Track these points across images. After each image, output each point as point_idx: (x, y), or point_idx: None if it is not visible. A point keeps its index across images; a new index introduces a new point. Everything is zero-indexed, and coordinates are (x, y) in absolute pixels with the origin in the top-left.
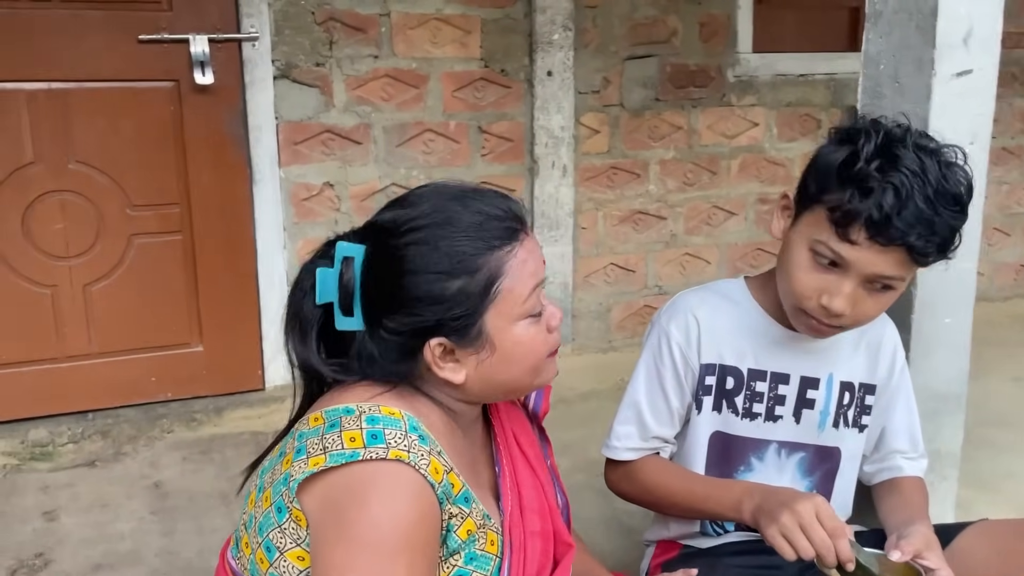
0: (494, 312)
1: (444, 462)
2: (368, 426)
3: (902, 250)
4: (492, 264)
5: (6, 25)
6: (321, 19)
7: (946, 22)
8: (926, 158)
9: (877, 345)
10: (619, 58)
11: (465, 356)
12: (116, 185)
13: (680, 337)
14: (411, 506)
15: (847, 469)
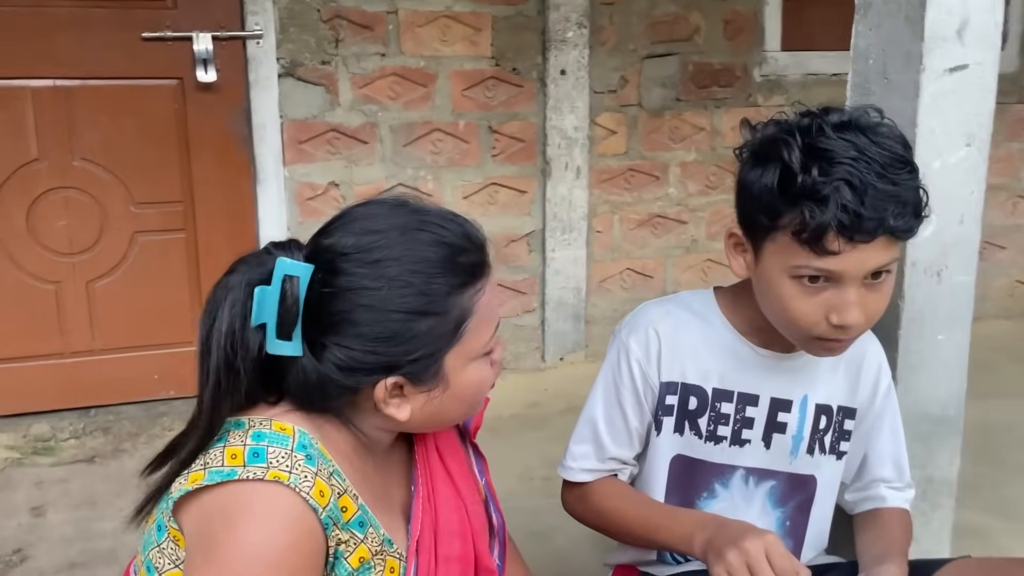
0: (455, 352)
1: (336, 484)
2: (252, 442)
3: (884, 236)
4: (463, 303)
5: (11, 22)
6: (327, 17)
7: (936, 13)
8: (852, 136)
9: (858, 365)
10: (637, 56)
11: (415, 394)
12: (120, 182)
13: (639, 352)
14: (284, 532)
15: (823, 499)
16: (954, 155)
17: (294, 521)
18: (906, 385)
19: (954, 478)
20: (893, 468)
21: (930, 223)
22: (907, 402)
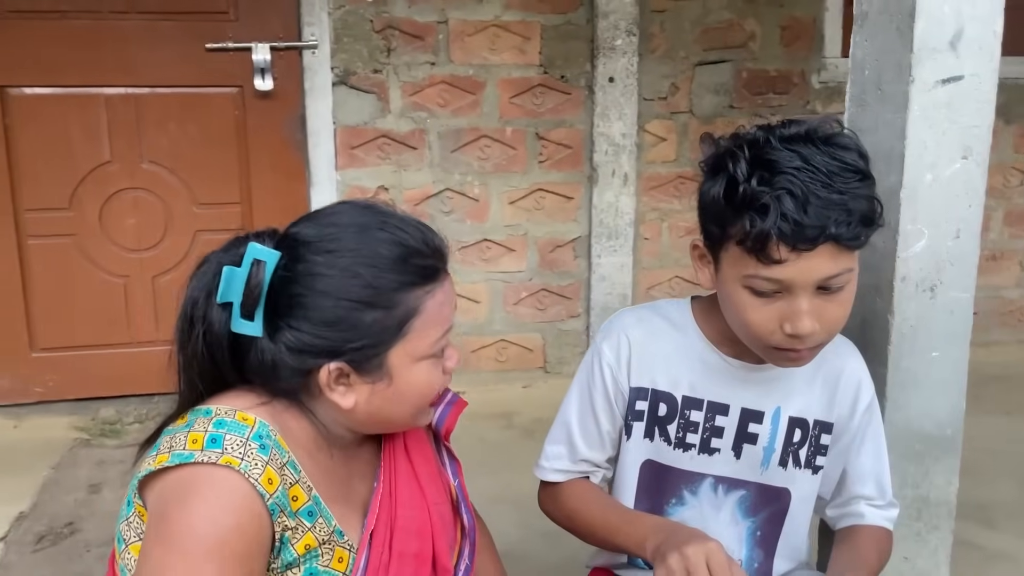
0: (400, 348)
1: (288, 475)
2: (213, 429)
3: (830, 244)
4: (410, 302)
5: (89, 35)
6: (379, 27)
7: (927, 23)
8: (801, 147)
9: (835, 379)
10: (689, 64)
11: (360, 383)
12: (183, 184)
13: (611, 357)
14: (230, 513)
15: (798, 512)
16: (949, 168)
17: (240, 503)
18: (896, 402)
19: (952, 499)
20: (874, 486)
21: (921, 237)
22: (897, 420)
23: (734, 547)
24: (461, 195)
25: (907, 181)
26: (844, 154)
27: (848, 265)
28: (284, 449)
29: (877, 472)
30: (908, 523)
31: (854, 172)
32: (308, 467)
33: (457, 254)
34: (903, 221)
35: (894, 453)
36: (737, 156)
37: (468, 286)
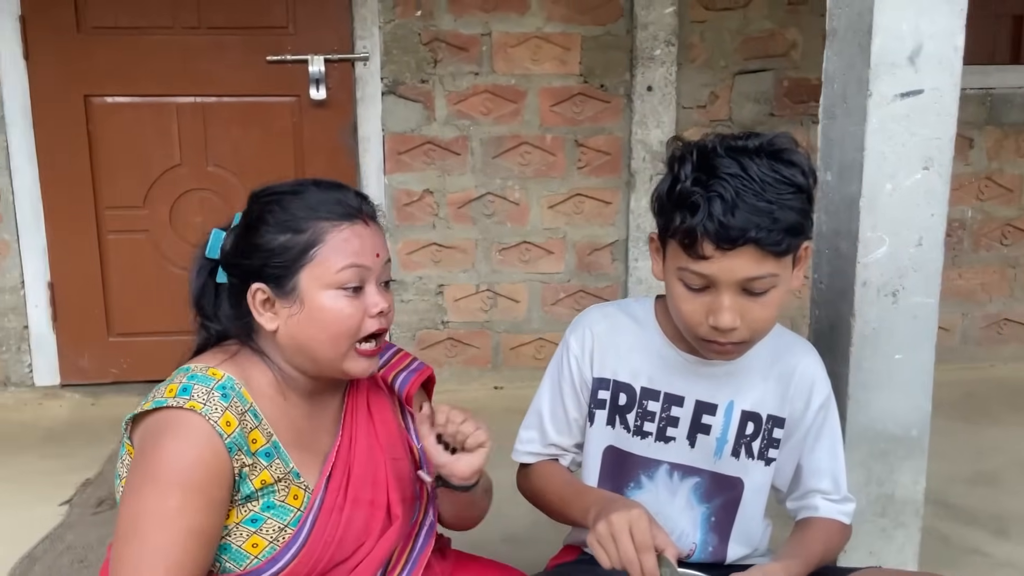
0: (308, 273)
1: (248, 420)
2: (186, 381)
3: (752, 247)
4: (316, 230)
5: (164, 48)
6: (427, 39)
7: (884, 40)
8: (743, 158)
9: (789, 377)
10: (729, 72)
11: (280, 308)
12: (245, 186)
13: (577, 349)
14: (193, 448)
15: (751, 501)
16: (909, 179)
17: (201, 441)
18: (859, 402)
19: (919, 498)
20: (830, 481)
21: (882, 244)
22: (860, 419)
23: (689, 530)
24: (502, 199)
25: (866, 190)
26: (785, 168)
27: (772, 270)
28: (247, 399)
29: (832, 468)
30: (873, 519)
31: (789, 185)
32: (270, 414)
33: (497, 255)
34: (863, 228)
35: (858, 451)
36: (685, 159)
37: (508, 286)
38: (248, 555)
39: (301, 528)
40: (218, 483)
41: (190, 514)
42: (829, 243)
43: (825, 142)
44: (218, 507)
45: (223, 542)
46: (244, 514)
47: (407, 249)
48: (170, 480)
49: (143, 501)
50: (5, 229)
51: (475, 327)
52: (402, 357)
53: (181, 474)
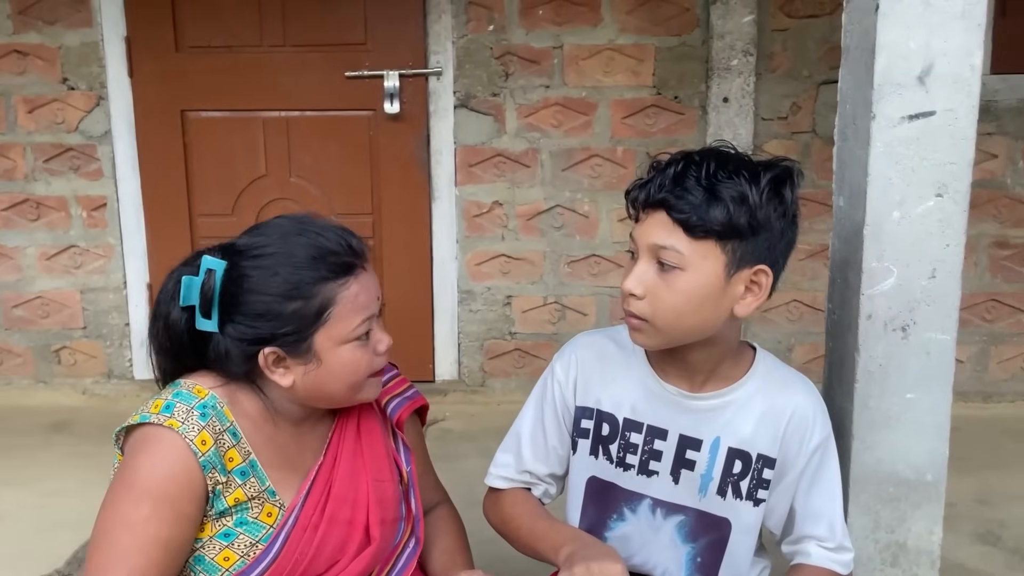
0: (324, 334)
1: (226, 440)
2: (171, 398)
3: (663, 213)
4: (326, 293)
5: (251, 65)
6: (498, 53)
7: (889, 58)
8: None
9: (783, 416)
10: (812, 82)
11: (294, 365)
12: (325, 196)
13: (561, 376)
14: (165, 463)
15: (740, 542)
16: (920, 206)
17: (174, 457)
18: (864, 441)
19: (935, 550)
20: (825, 527)
21: (889, 275)
22: (866, 459)
23: (673, 570)
24: (571, 211)
25: (871, 218)
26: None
27: (678, 246)
28: (227, 418)
29: (829, 513)
30: (883, 569)
31: (734, 188)
32: (252, 435)
33: (566, 268)
34: (867, 258)
35: (864, 493)
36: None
37: (576, 299)
38: (220, 567)
39: (272, 545)
40: (188, 497)
41: (157, 524)
42: (840, 272)
43: (839, 166)
44: (186, 521)
45: (197, 553)
46: (218, 528)
47: (476, 260)
48: (142, 491)
49: (116, 507)
50: (110, 233)
51: (543, 339)
52: (399, 382)
53: (153, 486)
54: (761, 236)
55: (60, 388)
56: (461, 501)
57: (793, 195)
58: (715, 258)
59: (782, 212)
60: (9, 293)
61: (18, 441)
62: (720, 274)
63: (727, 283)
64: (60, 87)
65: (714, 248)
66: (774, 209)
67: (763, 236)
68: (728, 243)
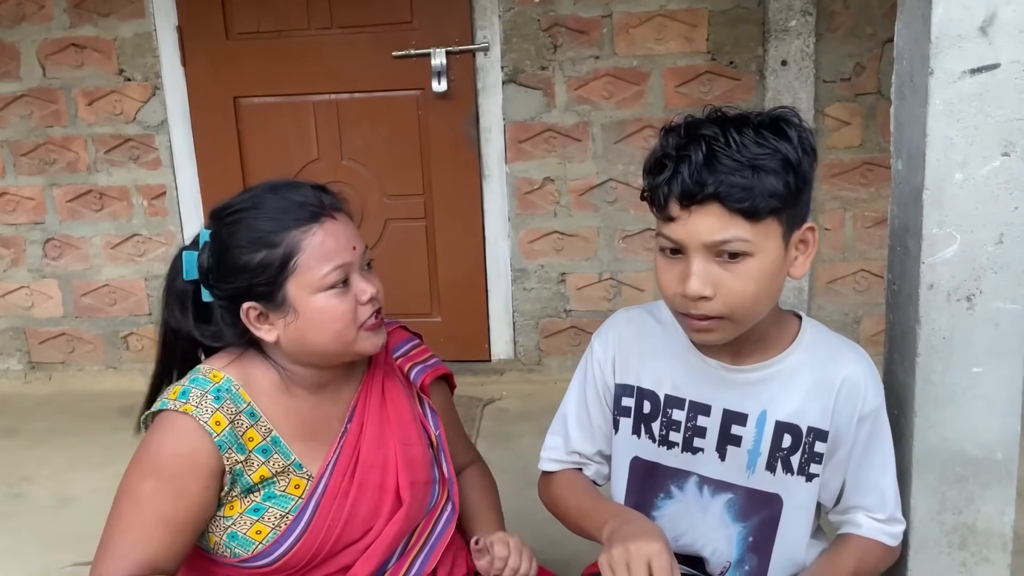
0: (294, 283)
1: (243, 420)
2: (188, 384)
3: (717, 205)
4: (290, 241)
5: (301, 49)
6: (546, 26)
7: (947, 10)
8: (729, 125)
9: (833, 386)
10: (877, 41)
11: (275, 319)
12: (376, 178)
13: (600, 354)
14: (172, 443)
15: (794, 520)
16: (985, 167)
17: (183, 437)
18: (927, 419)
19: (1008, 531)
20: (876, 497)
21: (952, 242)
22: (930, 438)
23: (724, 549)
24: (625, 185)
25: (930, 181)
26: (772, 137)
27: (741, 234)
28: (243, 399)
29: (880, 484)
30: (951, 551)
31: (770, 150)
32: (271, 412)
33: (621, 243)
34: (927, 225)
35: (929, 473)
36: (674, 129)
37: (632, 274)
38: (253, 541)
39: (301, 515)
40: (194, 476)
41: (159, 501)
42: (900, 240)
43: (896, 126)
44: (191, 499)
45: (231, 530)
46: (247, 504)
47: (529, 238)
48: (148, 468)
49: (125, 483)
50: (171, 221)
51: (599, 316)
52: (421, 351)
53: (159, 464)
54: (805, 192)
55: (128, 373)
56: (517, 481)
57: (812, 136)
58: (775, 233)
59: (812, 160)
60: (78, 282)
61: (89, 426)
62: (781, 246)
63: (786, 252)
64: (117, 79)
65: (773, 223)
66: (807, 160)
67: (806, 192)
68: (784, 212)
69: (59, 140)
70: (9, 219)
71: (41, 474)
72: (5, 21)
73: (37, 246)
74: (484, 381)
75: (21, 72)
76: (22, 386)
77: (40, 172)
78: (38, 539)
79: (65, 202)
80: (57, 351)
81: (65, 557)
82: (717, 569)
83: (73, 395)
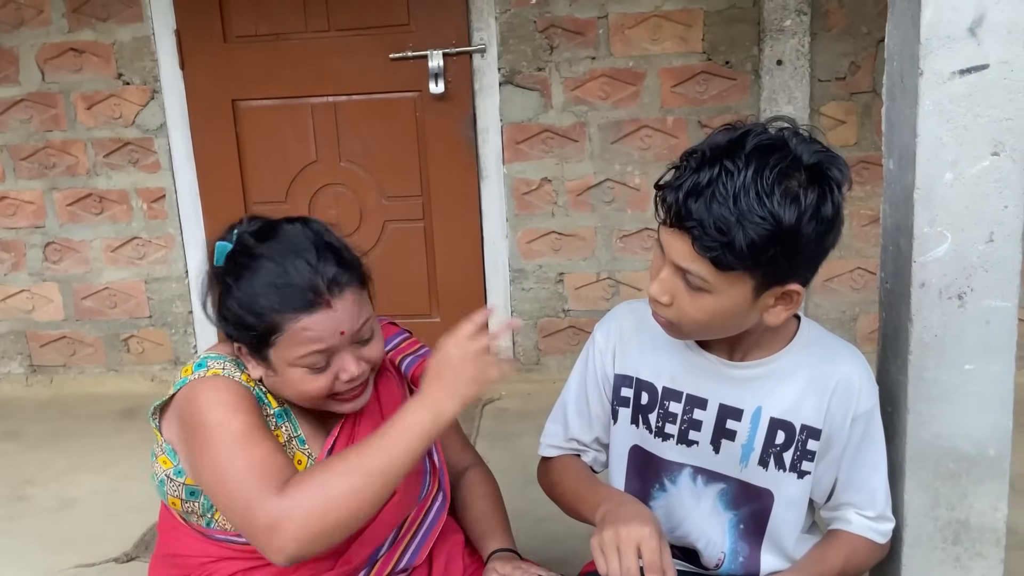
0: (274, 353)
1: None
2: (200, 360)
3: (688, 238)
4: (275, 320)
5: (298, 52)
6: (542, 27)
7: (936, 11)
8: (755, 159)
9: (828, 385)
10: (872, 39)
11: (259, 365)
12: (374, 179)
13: (602, 344)
14: (225, 391)
15: (785, 515)
16: (975, 166)
17: (231, 385)
18: (920, 415)
19: (1000, 527)
20: (867, 495)
21: (943, 241)
22: (923, 434)
23: (717, 539)
24: (622, 185)
25: (921, 181)
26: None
27: (703, 273)
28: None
29: (871, 483)
30: (944, 547)
31: (767, 212)
32: None
33: (618, 243)
34: (919, 224)
35: (922, 470)
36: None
37: (629, 274)
38: None
39: None
40: (258, 412)
41: (254, 422)
42: (892, 239)
43: (888, 126)
44: (267, 430)
45: None
46: None
47: (527, 238)
48: (221, 417)
49: (212, 449)
50: (170, 224)
51: (597, 315)
52: (411, 343)
53: (232, 403)
54: (796, 256)
55: (130, 376)
56: (517, 479)
57: (838, 203)
58: (743, 282)
59: (823, 229)
60: (79, 285)
61: (91, 428)
62: (748, 296)
63: (755, 301)
64: (115, 82)
65: (742, 276)
66: (813, 228)
67: (798, 256)
68: (758, 270)
69: (58, 144)
70: (9, 223)
71: (43, 477)
72: (4, 26)
73: (37, 250)
74: None
75: (20, 76)
76: (23, 389)
77: (40, 176)
78: (40, 542)
79: (65, 206)
80: (58, 354)
81: (67, 559)
82: (712, 562)
83: (74, 398)
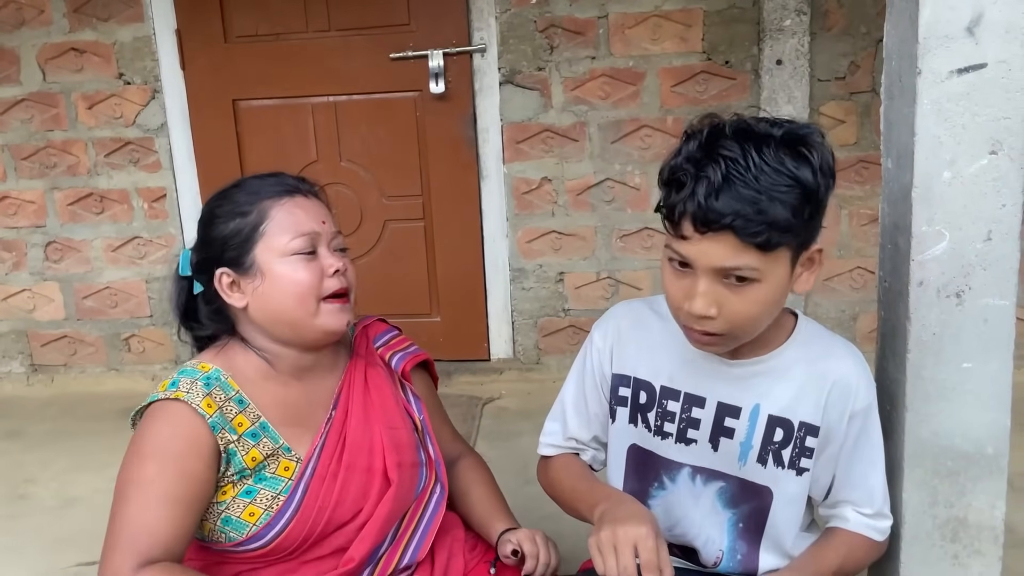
0: (263, 247)
1: (231, 407)
2: (176, 376)
3: (731, 235)
4: (260, 209)
5: (298, 52)
6: (542, 27)
7: (934, 10)
8: (749, 143)
9: (825, 383)
10: (871, 39)
11: (245, 285)
12: (375, 179)
13: (600, 343)
14: (168, 426)
15: (784, 513)
16: (973, 165)
17: (178, 419)
18: (919, 414)
19: (999, 525)
20: (864, 493)
21: (941, 239)
22: (921, 432)
23: (716, 537)
24: (622, 184)
25: (919, 180)
26: (791, 160)
27: (752, 263)
28: (232, 387)
29: (869, 480)
30: (943, 544)
31: (788, 177)
32: (259, 399)
33: (618, 242)
34: (917, 223)
35: (920, 468)
36: (695, 136)
37: (629, 273)
38: (247, 523)
39: (292, 495)
40: (194, 454)
41: (164, 481)
42: (890, 238)
43: (886, 125)
44: (194, 478)
45: (224, 515)
46: (240, 488)
47: (527, 237)
48: (147, 452)
49: (125, 471)
50: (171, 224)
51: (597, 314)
52: (401, 340)
53: (157, 446)
54: (818, 218)
55: (131, 375)
56: (517, 479)
57: (830, 150)
58: (785, 258)
59: (831, 177)
60: (80, 284)
61: (92, 427)
62: (788, 269)
63: (792, 273)
64: (116, 82)
65: (783, 252)
66: (828, 186)
67: (821, 212)
68: (796, 238)
69: (59, 144)
70: (10, 223)
71: (44, 476)
72: (5, 26)
73: (38, 249)
74: (483, 380)
75: (21, 76)
76: (24, 388)
77: (41, 176)
78: (41, 540)
79: (66, 205)
80: (59, 353)
81: (68, 558)
82: (710, 560)
83: (75, 397)
